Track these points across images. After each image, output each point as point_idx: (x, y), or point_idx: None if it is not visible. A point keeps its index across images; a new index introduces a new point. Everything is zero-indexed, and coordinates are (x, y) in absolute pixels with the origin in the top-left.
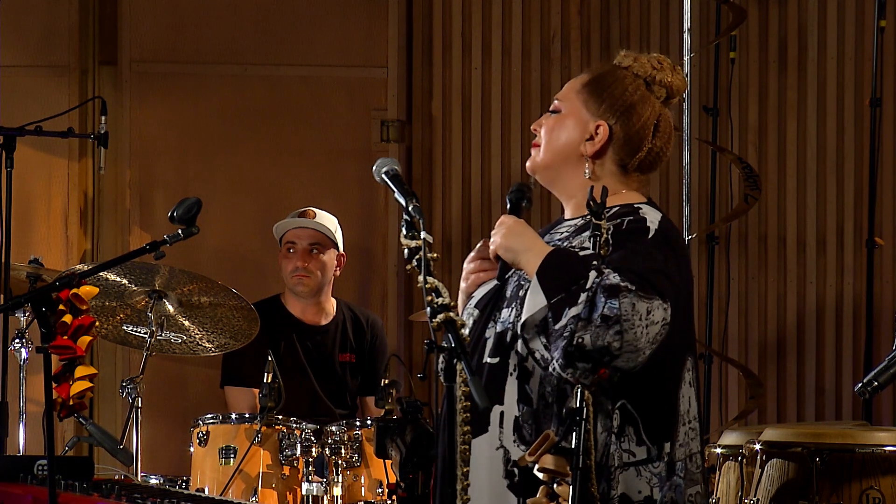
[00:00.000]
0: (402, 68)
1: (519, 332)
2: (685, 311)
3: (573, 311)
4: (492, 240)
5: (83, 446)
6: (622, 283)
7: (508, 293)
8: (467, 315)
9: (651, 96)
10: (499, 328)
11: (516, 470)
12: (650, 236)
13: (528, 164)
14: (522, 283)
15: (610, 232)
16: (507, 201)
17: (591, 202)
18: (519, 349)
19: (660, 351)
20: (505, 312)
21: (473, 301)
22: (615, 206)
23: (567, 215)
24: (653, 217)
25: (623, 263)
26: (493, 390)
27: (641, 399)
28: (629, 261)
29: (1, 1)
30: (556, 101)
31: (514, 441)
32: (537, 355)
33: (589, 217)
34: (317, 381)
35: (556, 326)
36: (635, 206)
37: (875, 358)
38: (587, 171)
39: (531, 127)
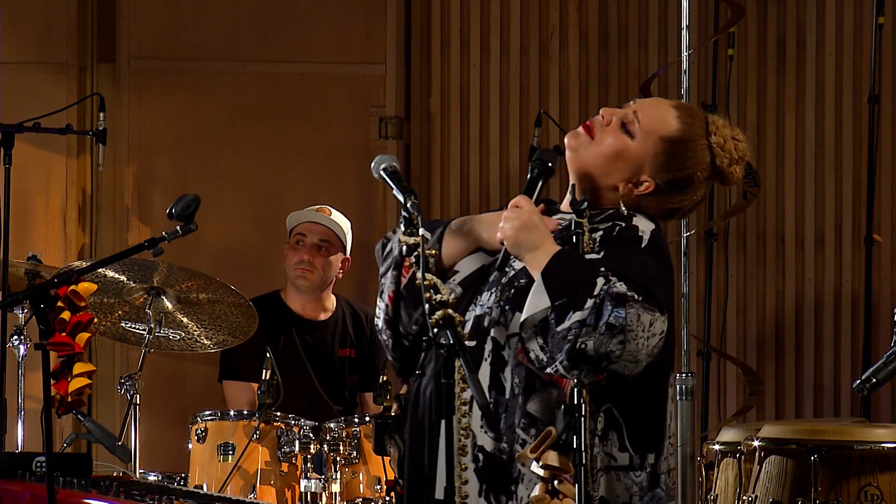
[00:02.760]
0: (401, 65)
1: (497, 319)
2: (671, 324)
3: (578, 316)
4: (501, 224)
5: (81, 443)
6: (629, 293)
7: (491, 277)
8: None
9: (706, 183)
10: (478, 311)
11: (481, 455)
12: (643, 245)
13: (570, 139)
14: (507, 269)
15: (599, 234)
16: (529, 169)
17: (574, 202)
18: (495, 335)
19: (654, 363)
20: (485, 296)
21: (459, 276)
22: (609, 210)
23: (564, 205)
24: (644, 226)
25: (626, 271)
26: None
27: (628, 406)
28: (631, 270)
29: None
30: (636, 122)
31: (482, 427)
32: (532, 355)
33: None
34: (316, 376)
35: (559, 328)
36: (630, 212)
37: (874, 354)
38: (623, 207)
39: (603, 114)
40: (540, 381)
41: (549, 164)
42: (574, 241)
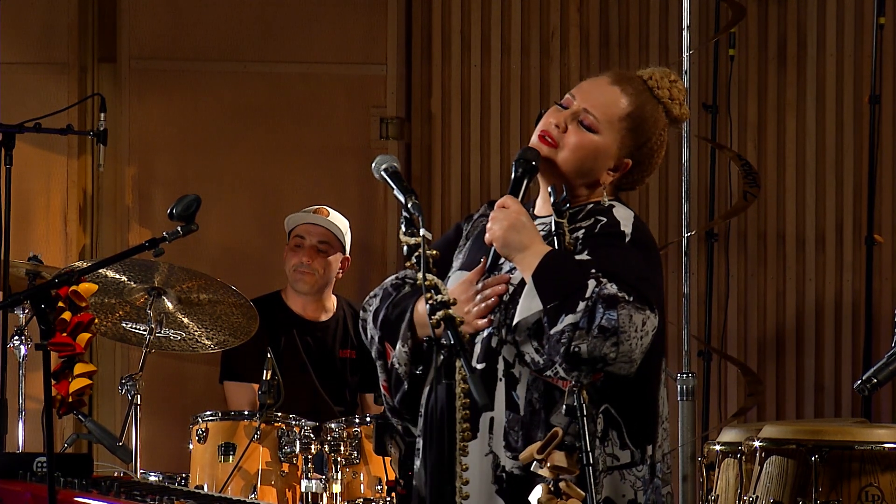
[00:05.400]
0: (402, 65)
1: (504, 339)
2: (661, 310)
3: (570, 319)
4: (489, 225)
5: (82, 443)
6: (619, 294)
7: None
8: None
9: (667, 138)
10: (484, 333)
11: (504, 475)
12: (627, 241)
13: (540, 147)
14: (507, 287)
15: (581, 232)
16: (513, 169)
17: (556, 203)
18: (505, 355)
19: (644, 357)
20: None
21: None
22: (589, 204)
23: (538, 209)
24: (625, 218)
25: (615, 270)
26: None
27: (625, 403)
28: (620, 268)
29: None
30: (591, 117)
31: (503, 447)
32: (528, 358)
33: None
34: (317, 376)
35: (552, 331)
36: (608, 203)
37: (874, 355)
38: (605, 198)
39: (554, 122)
40: (560, 392)
41: (533, 163)
42: (556, 242)
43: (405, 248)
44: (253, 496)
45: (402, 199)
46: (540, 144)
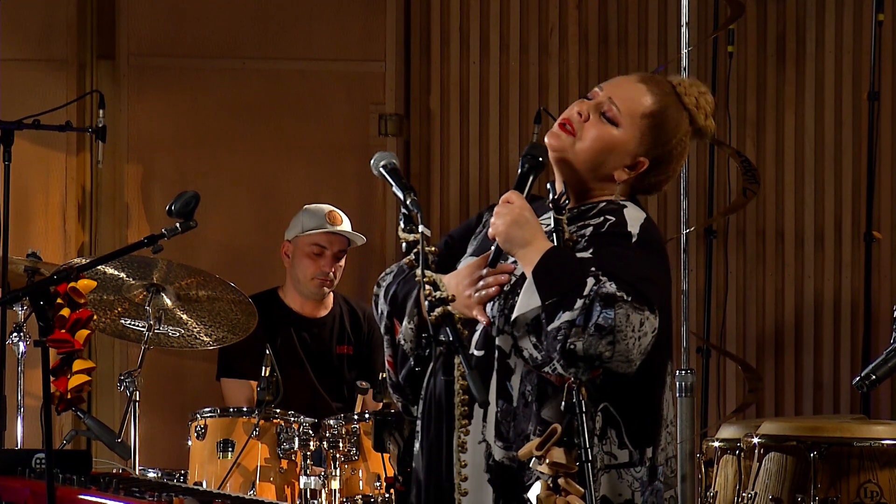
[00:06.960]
0: (401, 62)
1: (502, 328)
2: (667, 314)
3: (567, 316)
4: (493, 220)
5: (81, 440)
6: (618, 293)
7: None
8: None
9: (689, 144)
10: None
11: (494, 464)
12: (633, 241)
13: (552, 140)
14: (510, 277)
15: (589, 230)
16: (520, 164)
17: (555, 200)
18: (500, 345)
19: (646, 358)
20: (488, 306)
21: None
22: (602, 202)
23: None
24: (635, 219)
25: (615, 270)
26: None
27: (625, 403)
28: (621, 268)
29: None
30: (613, 108)
31: (495, 437)
32: (525, 354)
33: (573, 211)
34: (314, 373)
35: (549, 328)
36: (620, 202)
37: (873, 352)
38: (616, 196)
39: (576, 109)
40: (553, 386)
41: (540, 159)
42: (555, 238)
43: (404, 244)
44: (252, 493)
45: (400, 195)
46: (559, 132)
